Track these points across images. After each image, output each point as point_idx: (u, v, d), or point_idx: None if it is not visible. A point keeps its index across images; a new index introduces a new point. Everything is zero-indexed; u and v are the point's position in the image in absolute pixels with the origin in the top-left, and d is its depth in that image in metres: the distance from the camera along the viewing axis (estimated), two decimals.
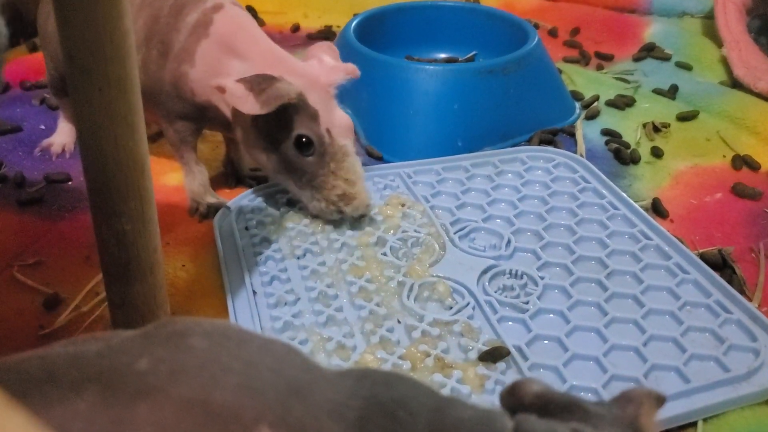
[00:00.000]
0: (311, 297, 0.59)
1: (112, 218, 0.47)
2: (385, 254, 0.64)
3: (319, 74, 0.65)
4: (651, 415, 0.28)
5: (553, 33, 1.24)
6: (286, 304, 0.58)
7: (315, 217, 0.67)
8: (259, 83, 0.60)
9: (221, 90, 0.62)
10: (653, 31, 1.20)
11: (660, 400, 0.30)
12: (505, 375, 0.52)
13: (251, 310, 0.57)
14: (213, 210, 0.71)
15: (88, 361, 0.28)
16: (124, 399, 0.25)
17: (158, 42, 0.68)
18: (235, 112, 0.65)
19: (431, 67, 0.85)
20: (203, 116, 0.69)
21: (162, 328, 0.30)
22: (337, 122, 0.64)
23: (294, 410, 0.26)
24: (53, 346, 0.30)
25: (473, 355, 0.53)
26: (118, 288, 0.50)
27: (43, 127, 0.89)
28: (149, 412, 0.25)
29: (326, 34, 1.21)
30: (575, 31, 1.24)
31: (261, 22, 1.25)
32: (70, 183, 0.77)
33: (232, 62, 0.66)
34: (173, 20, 0.67)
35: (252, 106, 0.60)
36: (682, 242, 0.66)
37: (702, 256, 0.65)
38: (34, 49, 1.11)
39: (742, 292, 0.61)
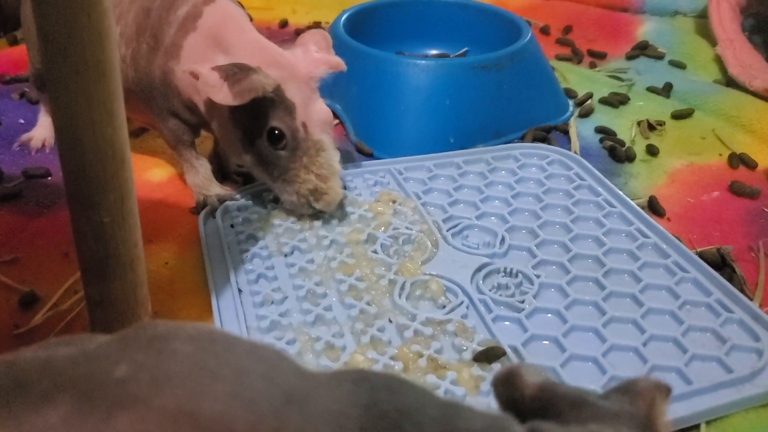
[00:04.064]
0: (299, 295, 0.57)
1: (89, 210, 0.45)
2: (375, 252, 0.61)
3: (301, 66, 0.63)
4: (663, 411, 0.27)
5: (545, 31, 1.22)
6: (272, 302, 0.56)
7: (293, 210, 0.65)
8: (234, 73, 0.58)
9: (195, 76, 0.60)
10: (646, 29, 1.19)
11: (667, 392, 0.28)
12: None
13: (236, 309, 0.55)
14: (222, 201, 0.68)
15: (60, 367, 0.25)
16: (102, 410, 0.23)
17: (149, 36, 0.65)
18: (211, 104, 0.62)
19: (423, 62, 0.83)
20: (195, 114, 0.67)
21: (142, 331, 0.27)
22: (315, 116, 0.62)
23: (290, 421, 0.24)
24: (22, 352, 0.28)
25: (467, 355, 0.51)
26: (96, 285, 0.48)
27: (22, 121, 0.86)
28: (130, 425, 0.23)
29: None
30: (567, 29, 1.22)
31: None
32: (49, 178, 0.75)
33: (217, 56, 0.64)
34: (165, 13, 0.65)
35: (225, 96, 0.58)
36: (680, 240, 0.64)
37: (701, 255, 0.63)
38: (14, 42, 1.09)
39: (742, 291, 0.60)
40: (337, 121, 0.88)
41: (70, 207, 0.45)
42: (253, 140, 0.62)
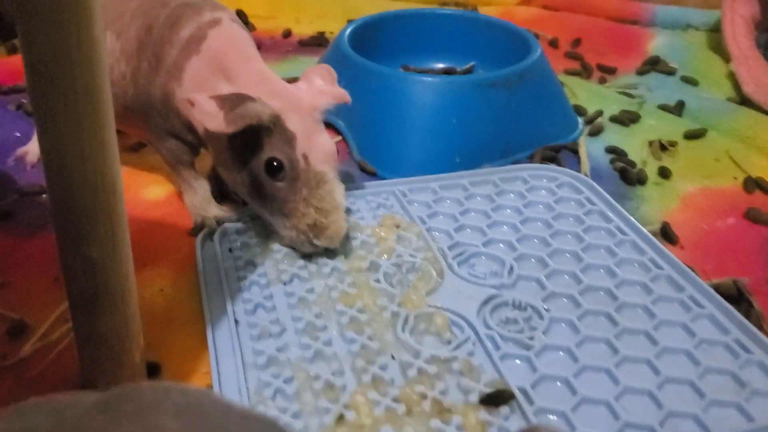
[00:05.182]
0: (298, 328, 0.54)
1: (78, 242, 0.43)
2: (378, 281, 0.59)
3: (304, 98, 0.61)
4: None
5: (553, 44, 1.20)
6: (270, 335, 0.54)
7: (293, 247, 0.62)
8: (231, 102, 0.56)
9: (191, 103, 0.58)
10: (657, 43, 1.17)
11: None
12: (508, 421, 0.47)
13: (233, 342, 0.53)
14: (221, 223, 0.66)
15: None
16: None
17: (151, 55, 0.63)
18: (209, 133, 0.60)
19: (429, 79, 0.80)
20: (195, 135, 0.65)
21: (127, 400, 0.25)
22: (318, 148, 0.60)
23: None
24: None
25: (474, 397, 0.48)
26: (85, 319, 0.46)
27: (18, 134, 0.84)
28: None
29: (319, 41, 1.17)
30: (576, 42, 1.20)
31: (251, 27, 1.21)
32: (43, 196, 0.73)
33: (219, 83, 0.62)
34: (168, 32, 0.63)
35: (219, 123, 0.56)
36: (694, 272, 0.62)
37: (716, 287, 0.61)
38: (12, 51, 1.06)
39: (760, 327, 0.57)
40: (340, 138, 0.86)
41: (58, 239, 0.43)
42: (251, 172, 0.60)
